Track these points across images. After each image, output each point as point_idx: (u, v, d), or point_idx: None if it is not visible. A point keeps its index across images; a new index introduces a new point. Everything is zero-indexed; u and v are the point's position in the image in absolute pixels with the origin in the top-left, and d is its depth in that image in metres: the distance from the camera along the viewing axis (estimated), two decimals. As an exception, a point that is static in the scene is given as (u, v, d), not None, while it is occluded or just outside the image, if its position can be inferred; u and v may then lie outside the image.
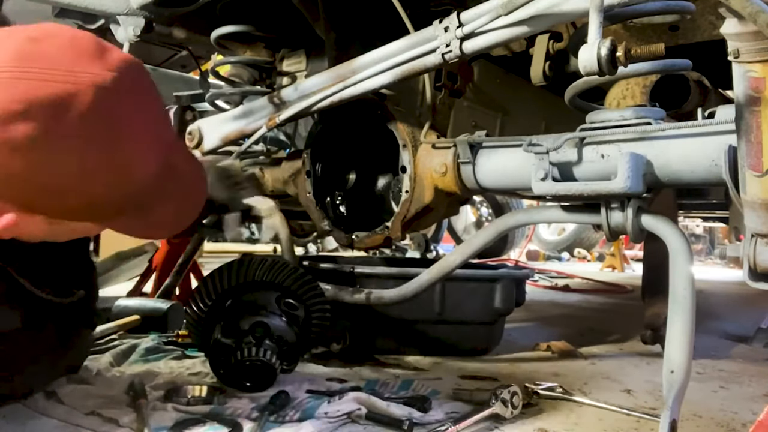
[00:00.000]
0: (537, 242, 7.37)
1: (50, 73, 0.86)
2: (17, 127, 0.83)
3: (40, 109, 0.84)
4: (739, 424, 1.28)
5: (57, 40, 0.90)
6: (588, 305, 3.33)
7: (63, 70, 0.86)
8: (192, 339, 1.49)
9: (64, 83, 0.86)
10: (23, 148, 0.84)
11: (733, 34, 0.90)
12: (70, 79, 0.86)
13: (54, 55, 0.87)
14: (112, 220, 0.99)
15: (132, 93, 0.93)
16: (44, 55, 0.87)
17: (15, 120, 0.83)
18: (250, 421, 1.12)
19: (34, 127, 0.84)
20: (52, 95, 0.85)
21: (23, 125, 0.83)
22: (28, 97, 0.84)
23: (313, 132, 1.76)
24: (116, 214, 0.98)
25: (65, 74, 0.86)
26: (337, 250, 4.39)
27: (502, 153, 1.41)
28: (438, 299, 1.73)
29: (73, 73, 0.87)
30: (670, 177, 1.17)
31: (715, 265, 8.04)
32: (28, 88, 0.84)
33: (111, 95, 0.89)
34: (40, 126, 0.84)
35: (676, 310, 1.07)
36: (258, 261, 1.45)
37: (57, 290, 1.09)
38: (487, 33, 1.18)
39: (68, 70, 0.87)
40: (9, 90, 0.84)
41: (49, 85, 0.85)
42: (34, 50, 0.87)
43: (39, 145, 0.85)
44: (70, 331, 1.18)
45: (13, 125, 0.83)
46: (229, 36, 1.82)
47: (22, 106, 0.83)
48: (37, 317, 1.07)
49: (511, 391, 1.21)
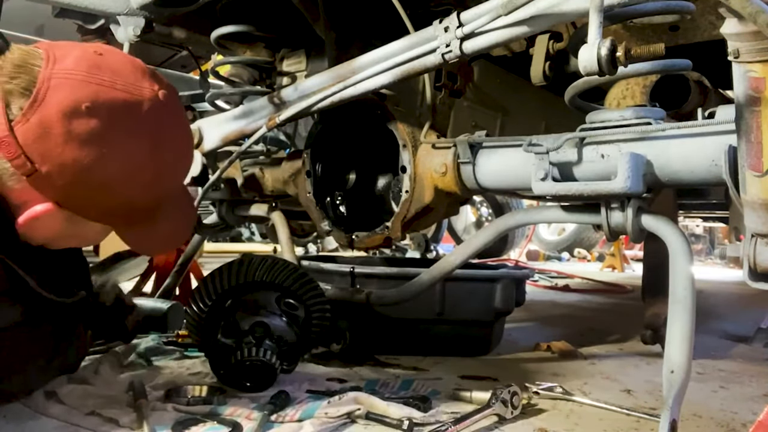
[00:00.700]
0: (537, 242, 7.37)
1: (116, 83, 0.98)
2: (81, 122, 0.94)
3: (104, 110, 0.96)
4: (739, 424, 1.28)
5: (119, 57, 1.04)
6: (588, 305, 3.33)
7: (126, 81, 0.99)
8: (192, 339, 1.49)
9: (128, 93, 0.99)
10: (82, 141, 0.95)
11: (733, 34, 0.90)
12: (133, 91, 1.00)
13: (118, 68, 1.00)
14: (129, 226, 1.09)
15: (174, 111, 1.08)
16: (111, 67, 1.00)
17: (81, 115, 0.94)
18: (250, 421, 1.12)
19: (97, 123, 0.95)
20: (117, 100, 0.97)
21: (87, 120, 0.94)
22: (95, 99, 0.95)
23: (313, 132, 1.76)
24: (134, 221, 1.08)
25: (128, 85, 0.99)
26: (337, 250, 4.39)
27: (502, 153, 1.41)
28: (438, 299, 1.73)
29: (135, 85, 1.00)
30: (670, 177, 1.17)
31: (715, 265, 8.04)
32: (98, 90, 0.96)
33: (162, 109, 1.03)
34: (101, 124, 0.96)
35: (676, 310, 1.07)
36: (258, 261, 1.45)
37: (59, 290, 1.10)
38: (487, 33, 1.18)
39: (130, 82, 1.00)
40: (80, 90, 0.95)
41: (114, 92, 0.98)
42: (101, 61, 0.99)
43: (97, 141, 0.96)
44: (67, 329, 1.18)
45: (78, 119, 0.94)
46: (229, 36, 1.82)
47: (90, 104, 0.95)
48: (36, 315, 1.07)
49: (511, 391, 1.21)
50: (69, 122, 0.93)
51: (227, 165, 1.72)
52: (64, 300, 1.12)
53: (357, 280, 1.80)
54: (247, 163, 2.01)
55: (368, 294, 1.66)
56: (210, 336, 1.37)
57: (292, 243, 1.80)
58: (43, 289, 1.06)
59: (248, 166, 1.98)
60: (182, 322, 1.77)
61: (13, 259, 1.01)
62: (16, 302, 1.04)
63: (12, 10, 1.81)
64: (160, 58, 2.44)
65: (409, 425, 1.10)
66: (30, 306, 1.06)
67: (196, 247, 2.38)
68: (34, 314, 1.07)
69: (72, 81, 0.95)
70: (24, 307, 1.05)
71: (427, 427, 1.12)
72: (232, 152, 1.74)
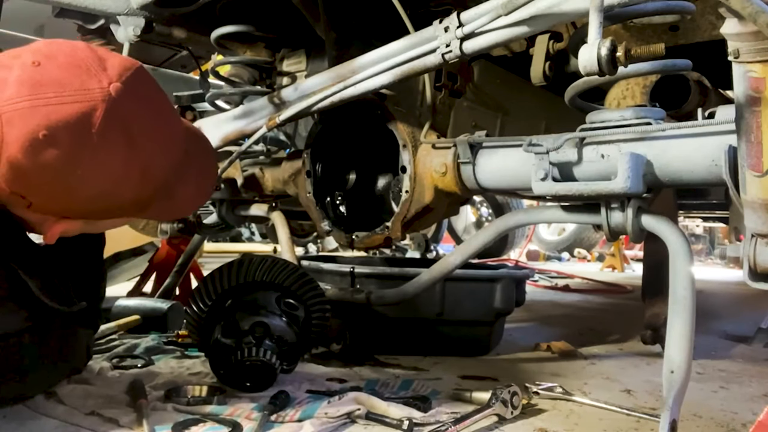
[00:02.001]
0: (537, 242, 7.37)
1: (63, 96, 0.91)
2: (45, 152, 0.90)
3: (62, 131, 0.90)
4: (739, 424, 1.28)
5: (59, 60, 0.95)
6: (588, 305, 3.33)
7: (74, 89, 0.92)
8: (192, 339, 1.49)
9: (78, 102, 0.92)
10: (55, 169, 0.92)
11: (733, 34, 0.90)
12: (82, 98, 0.92)
13: (62, 77, 0.93)
14: (145, 210, 1.08)
15: (139, 96, 1.00)
16: (53, 79, 0.92)
17: (42, 145, 0.90)
18: (250, 421, 1.12)
19: (60, 148, 0.91)
20: (70, 115, 0.91)
21: (49, 149, 0.90)
22: (50, 123, 0.90)
23: (313, 132, 1.76)
24: (147, 206, 1.06)
25: (76, 93, 0.92)
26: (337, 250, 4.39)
27: (502, 153, 1.41)
28: (438, 299, 1.73)
29: (83, 90, 0.93)
30: (670, 177, 1.17)
31: (715, 265, 8.04)
32: (48, 113, 0.90)
33: (121, 103, 0.95)
34: (64, 147, 0.91)
35: (676, 310, 1.07)
36: (258, 261, 1.45)
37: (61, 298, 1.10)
38: (487, 33, 1.18)
39: (79, 88, 0.92)
40: (31, 119, 0.90)
41: (64, 108, 0.91)
42: (42, 75, 0.92)
43: (68, 163, 0.92)
44: (72, 334, 1.18)
45: (41, 151, 0.90)
46: (229, 36, 1.82)
47: (48, 132, 0.90)
48: (41, 321, 1.07)
49: (511, 391, 1.21)
50: (34, 156, 0.90)
51: (227, 165, 1.72)
52: (65, 308, 1.11)
53: (357, 280, 1.80)
54: (247, 163, 2.01)
55: (368, 294, 1.66)
56: (210, 336, 1.37)
57: (292, 243, 1.80)
58: (45, 294, 1.06)
59: (248, 166, 1.98)
60: (182, 322, 1.77)
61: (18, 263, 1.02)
62: (21, 308, 1.03)
63: (12, 10, 1.81)
64: (160, 58, 2.44)
65: (409, 425, 1.10)
66: (35, 312, 1.05)
67: (196, 247, 2.38)
68: (40, 320, 1.07)
69: (21, 111, 0.89)
70: (29, 312, 1.05)
71: (427, 427, 1.12)
72: (232, 152, 1.74)
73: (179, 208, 1.18)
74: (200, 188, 1.17)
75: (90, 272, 1.27)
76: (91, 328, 1.26)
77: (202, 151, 1.18)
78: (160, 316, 1.92)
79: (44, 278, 1.07)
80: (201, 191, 1.19)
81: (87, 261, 1.27)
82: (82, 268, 1.25)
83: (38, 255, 1.08)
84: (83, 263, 1.25)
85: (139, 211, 1.08)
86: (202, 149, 1.19)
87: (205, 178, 1.19)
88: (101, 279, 1.34)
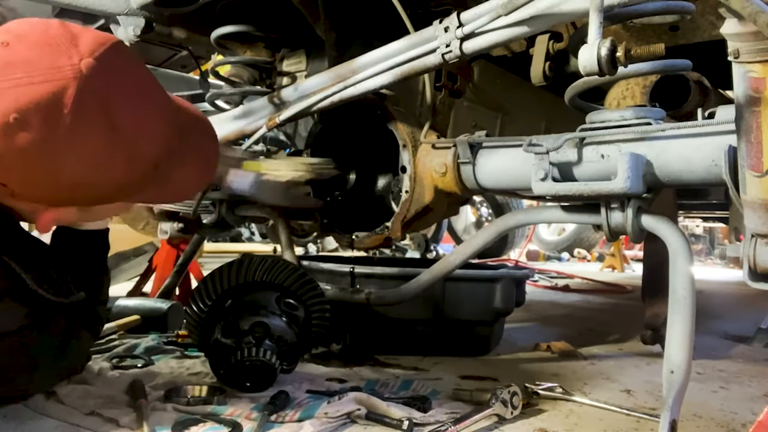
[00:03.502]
0: (537, 242, 7.37)
1: (33, 76, 0.86)
2: (18, 135, 0.85)
3: (35, 113, 0.85)
4: (739, 425, 1.28)
5: (29, 39, 0.90)
6: (588, 305, 3.33)
7: (43, 68, 0.87)
8: (192, 339, 1.49)
9: (49, 81, 0.86)
10: (29, 153, 0.87)
11: (733, 34, 0.90)
12: (52, 77, 0.87)
13: (32, 56, 0.88)
14: (137, 194, 1.02)
15: (115, 72, 0.93)
16: (23, 59, 0.87)
17: (14, 129, 0.85)
18: (250, 421, 1.12)
19: (32, 131, 0.86)
20: (41, 96, 0.86)
21: (22, 132, 0.85)
22: (19, 105, 0.85)
23: (313, 132, 1.76)
24: (139, 190, 1.00)
25: (46, 72, 0.87)
26: (337, 250, 4.40)
27: (502, 153, 1.41)
28: (438, 299, 1.73)
29: (53, 69, 0.87)
30: (670, 177, 1.17)
31: (715, 265, 8.05)
32: (17, 95, 0.85)
33: (95, 80, 0.89)
34: (37, 129, 0.86)
35: (676, 310, 1.07)
36: (258, 261, 1.45)
37: (58, 290, 1.09)
38: (487, 33, 1.18)
39: (48, 67, 0.87)
40: (1, 102, 0.85)
41: (34, 88, 0.86)
42: (11, 55, 0.88)
43: (42, 147, 0.87)
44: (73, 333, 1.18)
45: (14, 134, 0.85)
46: (229, 36, 1.82)
47: (18, 115, 0.85)
48: (43, 318, 1.06)
49: (511, 391, 1.21)
50: (8, 140, 0.85)
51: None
52: (62, 300, 1.08)
53: (357, 280, 1.80)
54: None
55: (368, 294, 1.66)
56: (210, 336, 1.37)
57: (292, 243, 1.80)
58: (41, 287, 1.03)
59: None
60: (182, 322, 1.77)
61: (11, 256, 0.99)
62: (21, 304, 1.02)
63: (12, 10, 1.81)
64: (160, 58, 2.44)
65: (409, 425, 1.10)
66: (36, 308, 1.04)
67: (196, 247, 2.38)
68: (41, 317, 1.06)
69: None
70: (30, 308, 1.04)
71: (427, 427, 1.12)
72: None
73: (178, 191, 1.11)
74: (200, 171, 1.10)
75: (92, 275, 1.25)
76: (91, 332, 1.25)
77: (201, 131, 1.12)
78: (160, 316, 1.92)
79: (40, 271, 1.04)
80: (201, 174, 1.12)
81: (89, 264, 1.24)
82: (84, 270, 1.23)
83: (34, 248, 1.06)
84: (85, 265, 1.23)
85: (131, 195, 1.01)
86: (201, 129, 1.12)
87: (205, 160, 1.12)
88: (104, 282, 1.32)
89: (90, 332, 1.23)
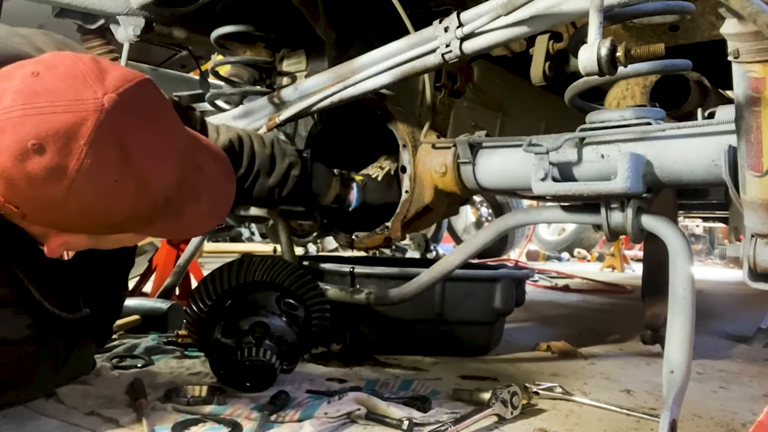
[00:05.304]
0: (537, 242, 7.38)
1: (55, 105, 0.89)
2: (34, 161, 0.88)
3: (51, 141, 0.88)
4: (739, 424, 1.28)
5: (58, 71, 0.93)
6: (588, 305, 3.33)
7: (67, 99, 0.90)
8: (192, 339, 1.49)
9: (70, 113, 0.90)
10: (44, 180, 0.89)
11: (733, 34, 0.90)
12: (74, 108, 0.90)
13: (58, 87, 0.91)
14: (148, 227, 1.04)
15: (137, 109, 0.97)
16: (48, 89, 0.91)
17: (30, 155, 0.88)
18: (250, 421, 1.12)
19: (48, 158, 0.88)
20: (60, 125, 0.89)
21: (38, 158, 0.88)
22: (39, 132, 0.88)
23: (313, 132, 1.76)
24: (149, 223, 1.03)
25: (68, 104, 0.90)
26: (337, 250, 4.39)
27: (502, 153, 1.41)
28: (438, 299, 1.73)
29: (76, 101, 0.91)
30: (670, 177, 1.17)
31: (715, 265, 8.05)
32: (38, 122, 0.88)
33: (116, 115, 0.92)
34: (53, 157, 0.89)
35: (676, 310, 1.07)
36: (258, 261, 1.45)
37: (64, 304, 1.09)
38: (487, 33, 1.18)
39: (72, 99, 0.91)
40: (21, 128, 0.88)
41: (55, 117, 0.89)
42: (39, 85, 0.91)
43: (57, 175, 0.89)
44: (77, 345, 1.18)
45: (30, 160, 0.88)
46: (229, 36, 1.82)
47: (35, 141, 0.88)
48: (45, 328, 1.07)
49: (511, 391, 1.21)
50: (23, 165, 0.88)
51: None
52: (67, 315, 1.09)
53: (357, 280, 1.80)
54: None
55: (368, 294, 1.66)
56: (210, 336, 1.37)
57: (292, 243, 1.80)
58: (47, 300, 1.04)
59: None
60: (182, 322, 1.77)
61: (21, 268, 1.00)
62: (25, 314, 1.03)
63: (12, 10, 1.81)
64: (160, 58, 2.44)
65: (409, 425, 1.10)
66: (39, 320, 1.04)
67: (196, 247, 2.38)
68: (43, 330, 1.06)
69: (12, 120, 0.88)
70: (34, 320, 1.04)
71: (427, 427, 1.12)
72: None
73: (190, 227, 1.14)
74: (214, 208, 1.13)
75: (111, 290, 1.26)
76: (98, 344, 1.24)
77: (221, 171, 1.14)
78: (160, 316, 1.92)
79: (48, 284, 1.05)
80: (215, 211, 1.14)
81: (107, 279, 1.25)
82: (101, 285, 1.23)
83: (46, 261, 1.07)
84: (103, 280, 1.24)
85: (141, 227, 1.03)
86: (221, 170, 1.15)
87: (220, 198, 1.14)
88: (119, 298, 1.32)
89: (96, 344, 1.22)
